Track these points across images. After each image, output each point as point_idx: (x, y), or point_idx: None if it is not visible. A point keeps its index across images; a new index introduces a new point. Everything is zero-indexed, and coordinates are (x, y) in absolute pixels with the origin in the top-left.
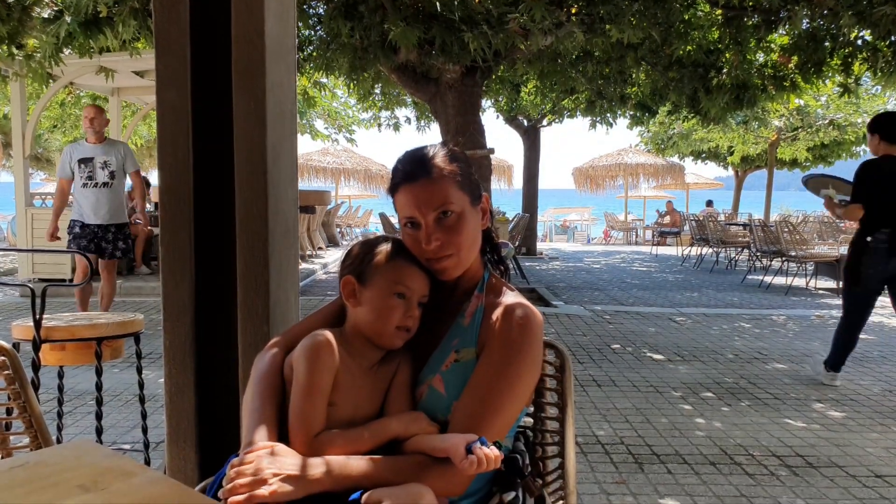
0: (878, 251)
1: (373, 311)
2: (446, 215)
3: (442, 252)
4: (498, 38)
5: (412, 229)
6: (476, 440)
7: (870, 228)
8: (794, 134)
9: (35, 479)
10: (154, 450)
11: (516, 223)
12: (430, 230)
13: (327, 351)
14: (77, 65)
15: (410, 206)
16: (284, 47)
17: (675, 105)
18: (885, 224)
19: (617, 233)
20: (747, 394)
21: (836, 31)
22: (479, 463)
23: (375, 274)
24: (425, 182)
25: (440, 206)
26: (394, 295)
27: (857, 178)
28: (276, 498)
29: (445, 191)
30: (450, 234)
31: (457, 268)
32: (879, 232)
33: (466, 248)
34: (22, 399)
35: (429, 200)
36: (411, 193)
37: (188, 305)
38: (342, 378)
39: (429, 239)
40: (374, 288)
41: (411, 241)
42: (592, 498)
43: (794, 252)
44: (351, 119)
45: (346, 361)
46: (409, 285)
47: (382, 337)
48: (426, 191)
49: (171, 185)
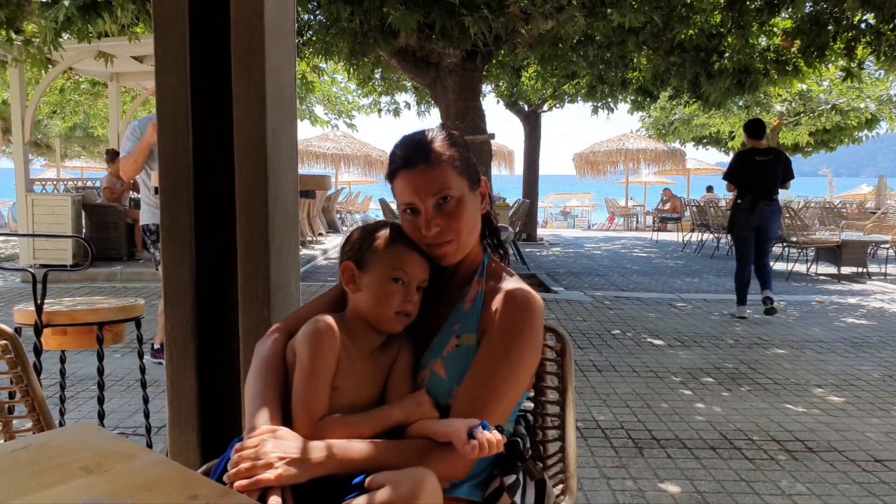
0: (743, 209)
1: (372, 297)
2: (446, 201)
3: (442, 238)
4: (498, 22)
5: (411, 215)
6: (478, 425)
7: (740, 195)
8: (796, 119)
9: (38, 462)
10: (156, 434)
11: (516, 209)
12: (430, 216)
13: (330, 335)
14: (76, 50)
15: (409, 192)
16: (284, 30)
17: (676, 90)
18: (747, 193)
19: (618, 218)
20: (747, 379)
21: (840, 15)
22: (482, 447)
23: (374, 259)
24: (424, 168)
25: (439, 192)
26: (392, 280)
27: (732, 163)
28: (282, 482)
29: (444, 176)
30: (449, 220)
31: (457, 253)
32: (745, 197)
33: (466, 233)
34: (24, 383)
35: (428, 186)
36: (410, 179)
37: (188, 290)
38: (344, 362)
39: (428, 225)
40: (373, 273)
41: (411, 227)
42: (592, 482)
43: (795, 238)
44: (351, 104)
45: (348, 346)
46: (407, 270)
47: (382, 322)
48: (425, 176)
49: (171, 170)
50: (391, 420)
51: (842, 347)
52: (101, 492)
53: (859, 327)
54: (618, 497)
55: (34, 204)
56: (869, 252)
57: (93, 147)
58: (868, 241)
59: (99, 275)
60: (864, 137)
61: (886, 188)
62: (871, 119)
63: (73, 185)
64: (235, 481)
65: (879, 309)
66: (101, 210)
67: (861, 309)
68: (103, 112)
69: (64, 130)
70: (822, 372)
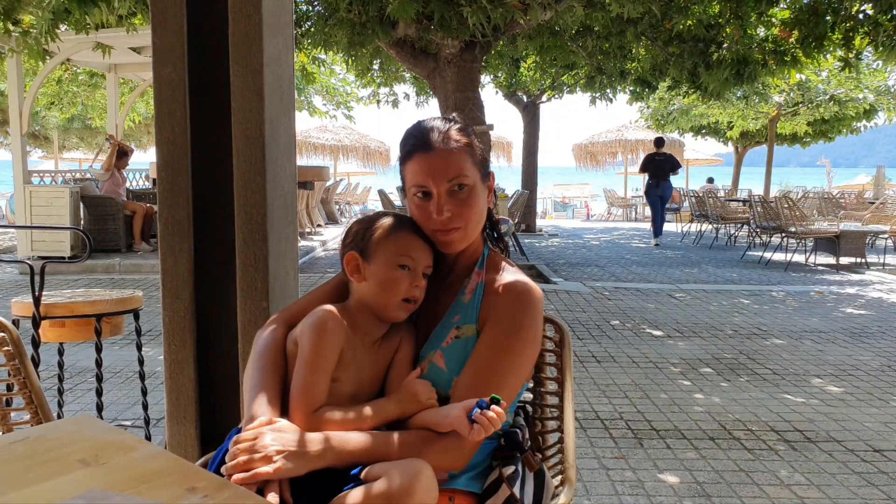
0: (652, 185)
1: (378, 285)
2: (460, 189)
3: (451, 224)
4: (497, 13)
5: (422, 199)
6: (474, 406)
7: (650, 178)
8: (794, 109)
9: (35, 454)
10: (155, 426)
11: (515, 200)
12: (443, 200)
13: (334, 326)
14: (73, 41)
15: (424, 175)
16: (281, 21)
17: (674, 80)
18: (653, 177)
19: (617, 209)
20: (746, 369)
21: (838, 5)
22: (485, 427)
23: (379, 248)
24: (442, 152)
25: (455, 178)
26: (399, 267)
27: (644, 160)
28: (280, 475)
29: (461, 163)
30: (461, 207)
31: (462, 241)
32: (653, 180)
33: (474, 222)
34: (22, 375)
35: (444, 171)
36: (426, 162)
37: (187, 281)
38: (346, 353)
39: (440, 209)
40: (378, 262)
41: (419, 210)
42: (592, 473)
43: (793, 228)
44: (349, 95)
45: (350, 337)
46: (413, 256)
47: (388, 309)
48: (443, 161)
49: (169, 161)
50: (386, 414)
51: (840, 337)
52: (100, 484)
53: (858, 317)
54: (617, 488)
55: (32, 195)
56: (867, 242)
57: (91, 138)
58: (866, 232)
59: (97, 266)
60: (862, 128)
61: (885, 178)
62: (870, 109)
63: (71, 176)
64: (233, 474)
65: (878, 299)
66: (100, 201)
67: (859, 299)
68: (101, 103)
69: (62, 122)
70: (821, 362)
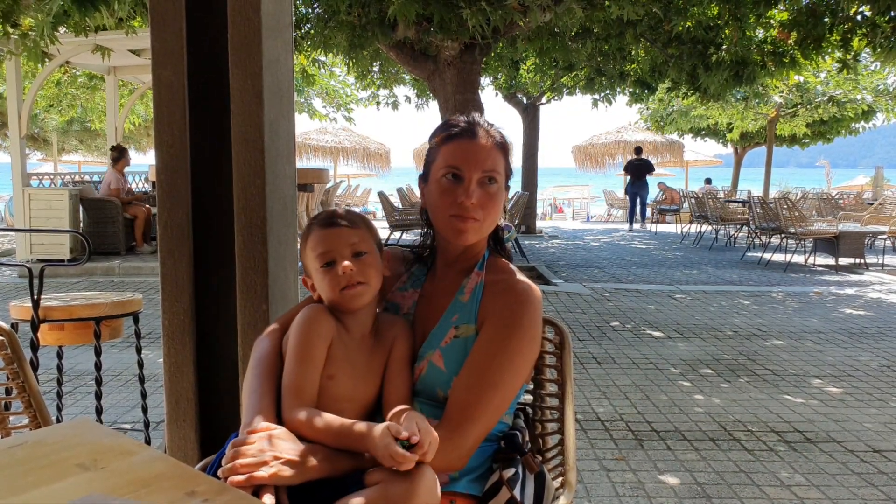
0: (630, 183)
1: (321, 289)
2: (490, 182)
3: (472, 212)
4: (496, 15)
5: (451, 181)
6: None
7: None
8: (793, 110)
9: (34, 458)
10: (154, 429)
11: (515, 201)
12: (473, 186)
13: (319, 320)
14: (73, 43)
15: (461, 158)
16: (281, 24)
17: (674, 82)
18: (632, 177)
19: (616, 210)
20: (746, 370)
21: (836, 7)
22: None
23: (305, 259)
24: (484, 144)
25: (490, 171)
26: (322, 266)
27: (627, 164)
28: (275, 481)
29: (498, 160)
30: (486, 200)
31: (475, 234)
32: (631, 178)
33: (490, 220)
34: (21, 379)
35: (483, 160)
36: (467, 147)
37: (187, 284)
38: (337, 350)
39: (469, 193)
40: (309, 270)
41: (443, 192)
42: (592, 474)
43: (792, 229)
44: (349, 97)
45: (340, 333)
46: (327, 248)
47: (340, 304)
48: (484, 150)
49: (169, 164)
50: (357, 443)
51: (840, 338)
52: (99, 488)
53: (857, 318)
54: (617, 489)
55: (31, 198)
56: (866, 243)
57: (90, 141)
58: (865, 232)
59: (97, 269)
60: (861, 129)
61: (883, 179)
62: (868, 110)
63: (70, 179)
64: (230, 477)
65: (877, 299)
66: (99, 204)
67: (859, 299)
68: (101, 106)
69: (61, 124)
70: (821, 363)
